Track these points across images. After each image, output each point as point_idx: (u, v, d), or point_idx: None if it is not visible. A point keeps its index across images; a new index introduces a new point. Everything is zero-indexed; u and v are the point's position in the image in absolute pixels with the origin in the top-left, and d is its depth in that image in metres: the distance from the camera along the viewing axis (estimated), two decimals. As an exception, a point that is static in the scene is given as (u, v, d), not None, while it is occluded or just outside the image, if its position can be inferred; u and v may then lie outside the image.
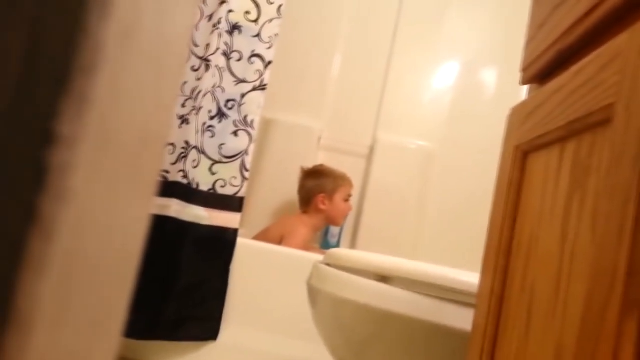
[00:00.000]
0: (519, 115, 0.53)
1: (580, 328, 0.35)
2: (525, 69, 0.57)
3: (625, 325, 0.30)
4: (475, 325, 0.57)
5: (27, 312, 0.15)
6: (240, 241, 1.46)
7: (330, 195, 1.78)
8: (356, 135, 2.02)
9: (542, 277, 0.44)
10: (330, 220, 1.80)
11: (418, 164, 1.99)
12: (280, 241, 1.68)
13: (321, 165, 1.87)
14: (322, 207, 1.77)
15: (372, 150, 2.01)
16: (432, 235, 1.95)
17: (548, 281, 0.43)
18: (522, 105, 0.53)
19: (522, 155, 0.52)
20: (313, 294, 0.96)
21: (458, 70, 2.08)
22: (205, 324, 1.41)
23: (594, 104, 0.38)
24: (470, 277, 0.84)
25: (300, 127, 1.99)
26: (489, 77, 2.09)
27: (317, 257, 1.36)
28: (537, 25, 0.54)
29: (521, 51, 0.59)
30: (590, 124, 0.39)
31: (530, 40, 0.57)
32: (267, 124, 1.96)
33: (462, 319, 0.81)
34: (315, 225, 1.78)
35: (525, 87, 0.64)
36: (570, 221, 0.40)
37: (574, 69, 0.43)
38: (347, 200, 1.80)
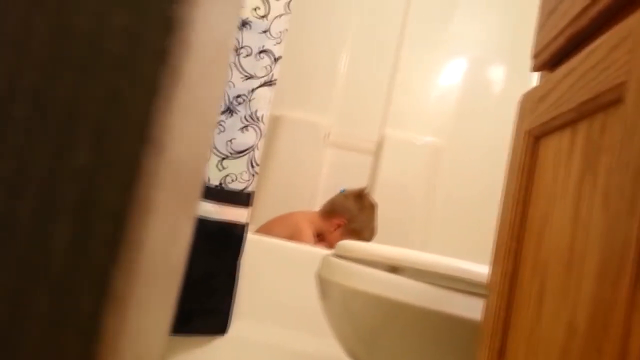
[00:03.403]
0: (530, 101, 0.54)
1: (592, 302, 0.36)
2: (536, 56, 0.57)
3: (637, 296, 0.31)
4: (487, 309, 0.58)
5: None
6: (250, 236, 1.47)
7: (347, 231, 1.74)
8: (364, 132, 2.03)
9: (554, 258, 0.45)
10: (326, 240, 1.76)
11: (426, 160, 2.00)
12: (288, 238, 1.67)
13: (373, 205, 1.80)
14: (332, 228, 1.75)
15: (379, 146, 2.02)
16: (440, 231, 1.95)
17: (560, 261, 0.43)
18: (534, 90, 0.54)
19: (533, 140, 0.52)
20: (323, 285, 0.97)
21: (466, 66, 2.08)
22: (214, 317, 1.42)
23: (605, 84, 0.39)
24: (479, 268, 0.85)
25: (307, 124, 2.00)
26: (497, 73, 2.09)
27: (327, 252, 1.36)
28: (547, 12, 0.55)
29: (529, 48, 0.60)
30: (601, 104, 0.40)
31: (541, 27, 0.57)
32: (275, 120, 1.97)
33: (471, 309, 0.81)
34: (316, 229, 1.76)
35: (534, 81, 0.64)
36: (582, 200, 0.41)
37: (585, 51, 0.43)
38: None
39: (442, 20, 2.07)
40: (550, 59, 0.55)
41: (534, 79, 0.61)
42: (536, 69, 0.59)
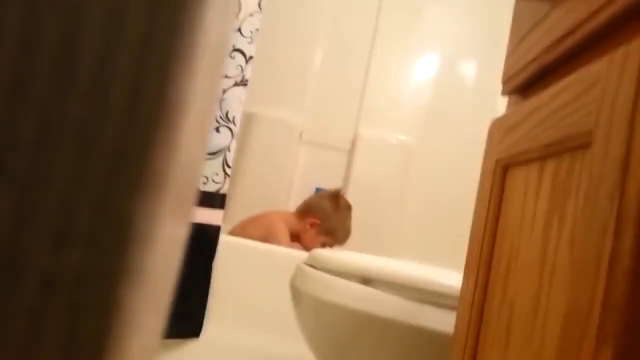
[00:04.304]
0: (499, 130, 0.53)
1: (557, 354, 0.36)
2: (506, 82, 0.57)
3: (600, 356, 0.31)
4: (455, 335, 0.58)
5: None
6: (223, 238, 1.46)
7: (321, 231, 1.74)
8: (338, 130, 2.02)
9: (521, 293, 0.45)
10: (301, 240, 1.76)
11: (399, 159, 2.00)
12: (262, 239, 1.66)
13: (348, 206, 1.81)
14: (307, 227, 1.74)
15: (353, 144, 2.01)
16: (414, 230, 1.96)
17: (527, 298, 0.43)
18: (502, 119, 0.53)
19: (502, 169, 0.52)
20: (296, 295, 0.96)
21: (438, 63, 2.08)
22: (188, 321, 1.41)
23: (573, 128, 0.39)
24: (452, 279, 0.85)
25: (281, 122, 1.98)
26: (469, 69, 2.10)
27: (301, 254, 1.36)
28: (517, 39, 0.54)
29: (501, 43, 0.60)
30: (569, 147, 0.40)
31: (511, 52, 0.57)
32: (248, 118, 1.94)
33: (445, 322, 0.82)
34: (291, 229, 1.75)
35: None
36: (550, 241, 0.41)
37: (553, 90, 0.43)
38: (324, 245, 1.75)
39: (414, 16, 2.06)
40: (521, 85, 0.55)
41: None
42: (507, 93, 0.59)
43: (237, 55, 1.46)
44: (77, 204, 0.18)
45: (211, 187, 1.44)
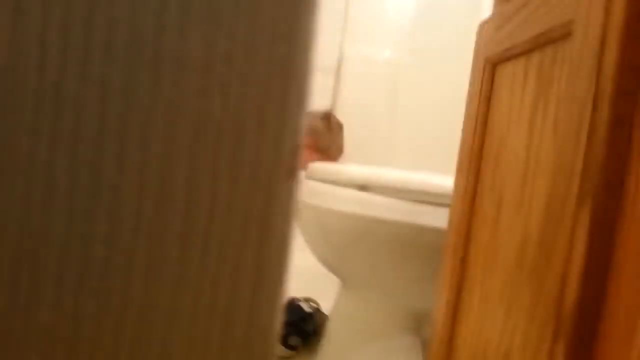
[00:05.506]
0: (488, 30, 0.57)
1: (543, 217, 0.42)
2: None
3: (580, 213, 0.37)
4: (450, 221, 0.64)
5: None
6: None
7: (315, 150, 1.80)
8: (323, 50, 2.02)
9: (509, 177, 0.50)
10: None
11: (386, 75, 2.02)
12: None
13: (340, 124, 1.86)
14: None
15: (339, 64, 2.02)
16: (404, 145, 2.02)
17: (515, 180, 0.49)
18: (490, 20, 0.57)
19: (491, 66, 0.56)
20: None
21: (421, -24, 2.06)
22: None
23: (555, 20, 0.43)
24: (442, 180, 0.91)
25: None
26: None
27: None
28: (503, -59, 0.57)
29: None
30: (552, 38, 0.44)
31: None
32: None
33: (437, 219, 0.89)
34: None
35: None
36: (535, 126, 0.46)
37: (538, -14, 0.46)
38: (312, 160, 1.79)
39: None
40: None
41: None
42: (493, -5, 0.62)
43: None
44: None
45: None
